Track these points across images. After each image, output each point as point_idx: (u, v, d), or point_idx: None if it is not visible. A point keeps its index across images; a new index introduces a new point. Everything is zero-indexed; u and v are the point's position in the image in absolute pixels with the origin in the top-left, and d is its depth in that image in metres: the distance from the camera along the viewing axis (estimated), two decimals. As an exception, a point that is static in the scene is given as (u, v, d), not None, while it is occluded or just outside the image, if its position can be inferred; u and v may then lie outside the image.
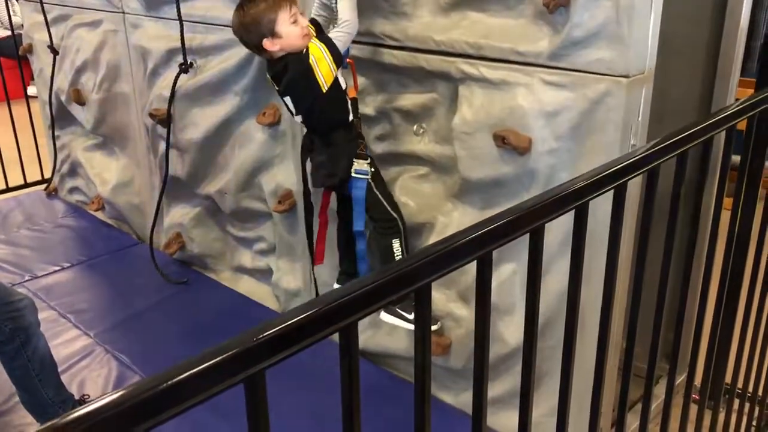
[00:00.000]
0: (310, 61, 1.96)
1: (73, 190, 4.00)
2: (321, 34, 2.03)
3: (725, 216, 1.60)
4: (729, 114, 1.35)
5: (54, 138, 3.97)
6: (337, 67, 1.99)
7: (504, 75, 1.89)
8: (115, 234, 3.63)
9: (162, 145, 3.05)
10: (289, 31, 1.96)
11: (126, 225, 3.67)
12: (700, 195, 1.37)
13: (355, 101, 2.11)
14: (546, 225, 0.98)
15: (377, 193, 2.11)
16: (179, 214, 3.19)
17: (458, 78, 1.99)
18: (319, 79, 1.97)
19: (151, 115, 2.99)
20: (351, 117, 2.08)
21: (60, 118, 3.88)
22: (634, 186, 1.72)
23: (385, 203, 2.12)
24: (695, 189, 1.37)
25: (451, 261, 0.84)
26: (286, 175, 2.69)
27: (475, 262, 0.88)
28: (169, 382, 0.61)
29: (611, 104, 1.71)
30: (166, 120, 2.92)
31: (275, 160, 2.73)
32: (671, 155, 1.19)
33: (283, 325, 0.69)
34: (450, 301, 2.21)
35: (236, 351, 0.66)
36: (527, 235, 0.97)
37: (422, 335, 0.84)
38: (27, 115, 4.21)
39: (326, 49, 1.96)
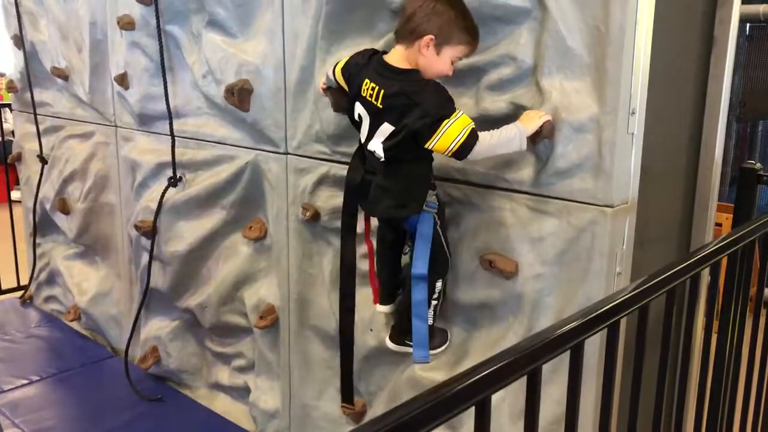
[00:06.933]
0: (448, 118, 1.67)
1: (50, 298, 3.91)
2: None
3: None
4: (714, 249, 1.37)
5: (35, 245, 3.93)
6: (458, 159, 1.70)
7: (490, 200, 1.93)
8: (90, 345, 3.52)
9: (144, 257, 3.02)
10: (448, 61, 1.74)
11: (101, 337, 3.57)
12: (690, 327, 1.37)
13: None
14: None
15: (440, 230, 1.88)
16: (157, 327, 3.11)
17: (445, 201, 2.03)
18: (434, 137, 1.68)
19: (137, 227, 2.98)
20: None
21: (43, 225, 3.86)
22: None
23: (444, 242, 1.91)
24: (685, 322, 1.37)
25: (449, 408, 0.82)
26: (269, 289, 2.66)
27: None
28: None
29: (596, 232, 1.74)
30: (151, 232, 2.92)
31: (259, 274, 2.71)
32: (661, 292, 1.20)
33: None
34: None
35: None
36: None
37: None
38: (8, 221, 4.19)
39: (467, 132, 1.66)
